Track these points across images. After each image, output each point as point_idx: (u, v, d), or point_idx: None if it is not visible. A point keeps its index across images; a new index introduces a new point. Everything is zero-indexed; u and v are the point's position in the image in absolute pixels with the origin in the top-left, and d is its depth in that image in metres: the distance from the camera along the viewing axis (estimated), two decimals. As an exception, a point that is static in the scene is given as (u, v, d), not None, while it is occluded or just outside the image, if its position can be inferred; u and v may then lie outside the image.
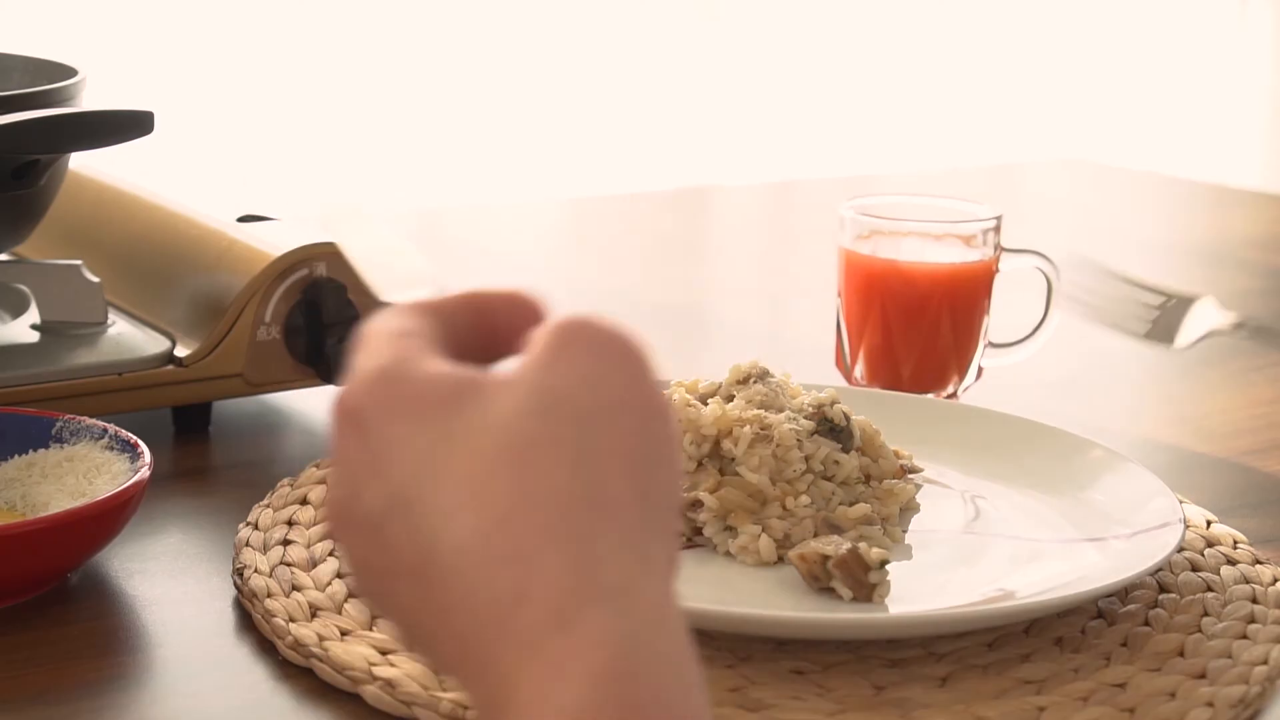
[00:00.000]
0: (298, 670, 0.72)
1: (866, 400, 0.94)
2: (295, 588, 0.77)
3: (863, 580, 0.75)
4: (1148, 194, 1.86)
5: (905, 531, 0.84)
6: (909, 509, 0.85)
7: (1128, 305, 1.03)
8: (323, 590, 0.77)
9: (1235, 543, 0.86)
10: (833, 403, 0.85)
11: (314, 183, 2.74)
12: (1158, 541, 0.79)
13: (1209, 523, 0.88)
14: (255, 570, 0.78)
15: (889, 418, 0.91)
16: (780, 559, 0.79)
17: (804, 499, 0.81)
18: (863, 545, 0.76)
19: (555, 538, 0.47)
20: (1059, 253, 1.07)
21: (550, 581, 0.47)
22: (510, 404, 0.49)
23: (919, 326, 1.03)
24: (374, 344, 0.51)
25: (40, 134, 0.91)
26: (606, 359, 0.50)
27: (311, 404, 1.02)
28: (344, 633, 0.73)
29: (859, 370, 1.06)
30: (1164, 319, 1.02)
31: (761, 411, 0.83)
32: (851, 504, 0.83)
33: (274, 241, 0.97)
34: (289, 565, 0.79)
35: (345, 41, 2.82)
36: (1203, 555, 0.84)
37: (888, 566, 0.76)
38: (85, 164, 1.10)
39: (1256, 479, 0.99)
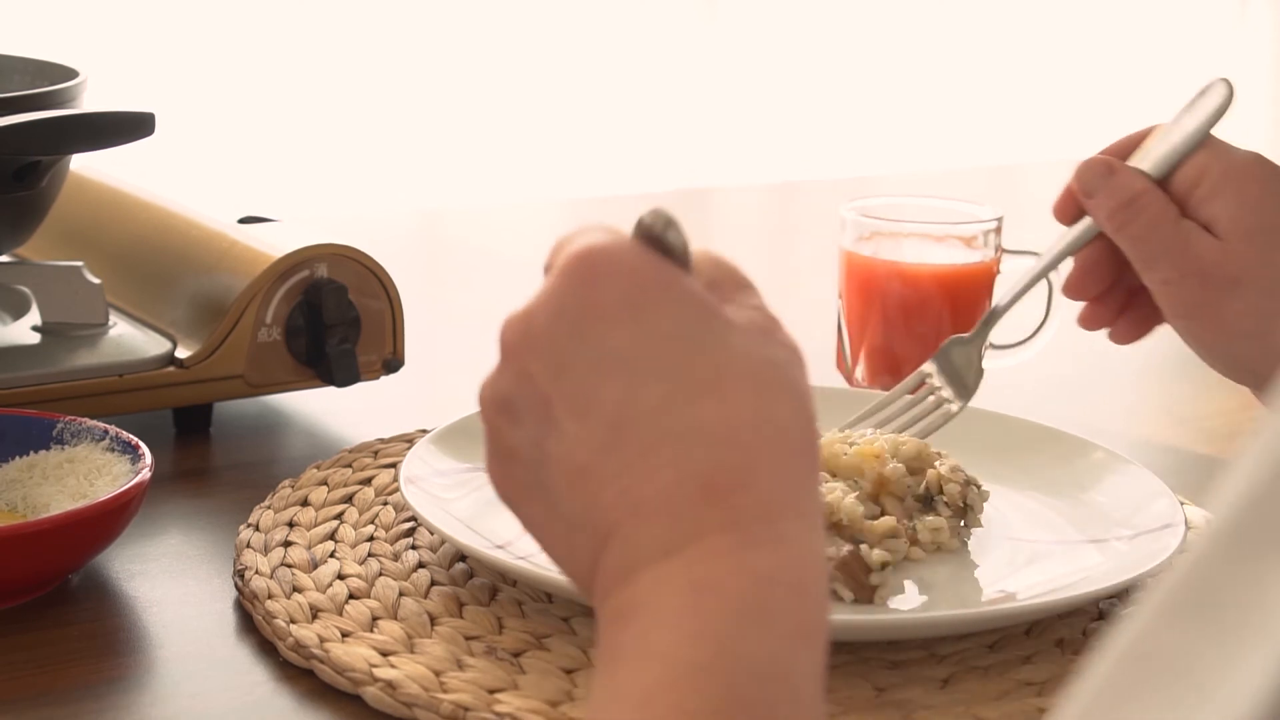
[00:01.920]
0: (298, 671, 0.72)
1: (867, 401, 0.94)
2: (296, 589, 0.77)
3: (863, 582, 0.75)
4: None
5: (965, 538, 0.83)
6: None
7: None
8: (323, 592, 0.77)
9: (1236, 544, 0.86)
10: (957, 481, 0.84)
11: (315, 184, 2.74)
12: (1159, 543, 0.79)
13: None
14: (256, 571, 0.78)
15: (890, 419, 0.91)
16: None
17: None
18: (863, 546, 0.76)
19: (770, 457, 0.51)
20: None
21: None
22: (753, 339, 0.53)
23: (920, 328, 1.03)
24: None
25: (41, 135, 0.91)
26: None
27: (312, 405, 1.02)
28: (345, 634, 0.73)
29: (860, 371, 1.06)
30: None
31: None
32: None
33: (275, 243, 0.97)
34: (290, 567, 0.79)
35: (346, 43, 2.82)
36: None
37: (889, 569, 0.76)
38: (86, 165, 1.10)
39: (1257, 480, 0.99)
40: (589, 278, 0.52)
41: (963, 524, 0.83)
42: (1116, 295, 0.90)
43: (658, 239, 0.53)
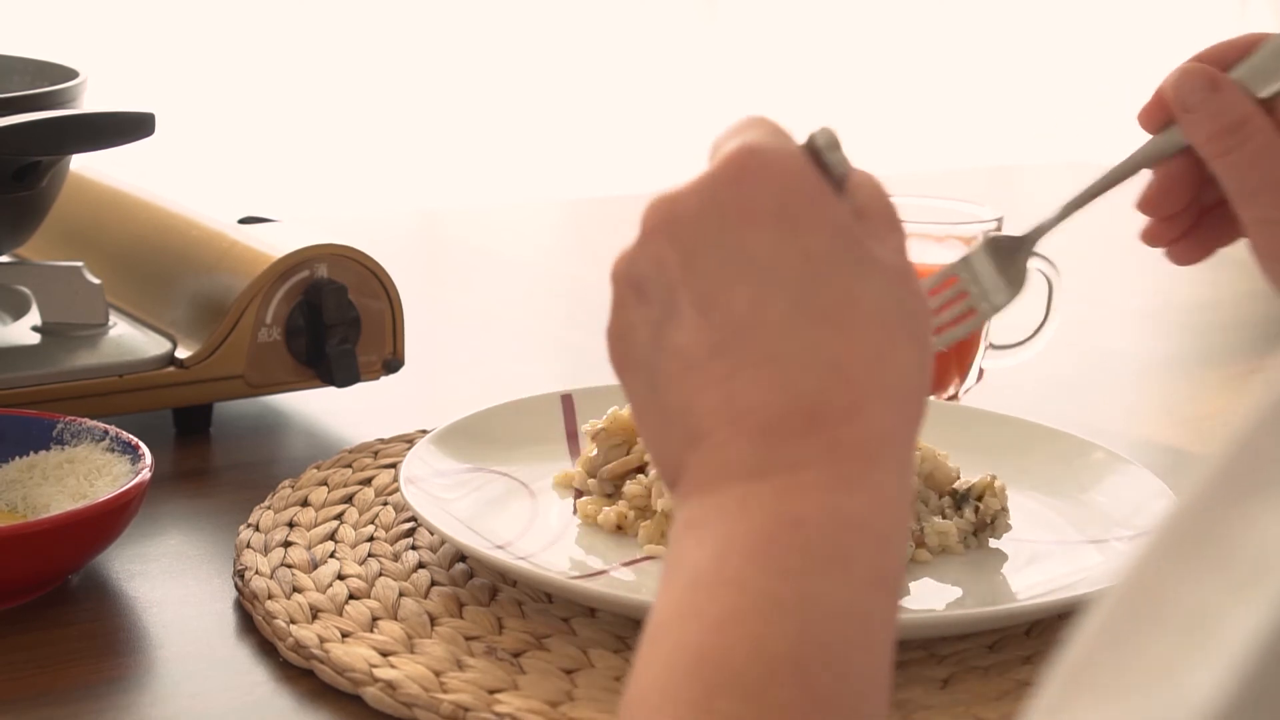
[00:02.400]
0: (298, 672, 0.72)
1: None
2: (296, 589, 0.77)
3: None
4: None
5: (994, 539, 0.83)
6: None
7: None
8: (323, 592, 0.77)
9: (1236, 544, 0.86)
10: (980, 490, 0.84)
11: (315, 184, 2.74)
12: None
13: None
14: (256, 572, 0.78)
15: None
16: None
17: None
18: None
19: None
20: (1060, 255, 1.07)
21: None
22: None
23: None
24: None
25: (42, 136, 0.91)
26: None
27: (312, 405, 1.02)
28: (345, 634, 0.73)
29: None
30: None
31: None
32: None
33: (275, 243, 0.97)
34: (290, 567, 0.79)
35: (345, 43, 2.82)
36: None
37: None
38: (86, 165, 1.10)
39: (1257, 480, 0.99)
40: (744, 175, 0.52)
41: (974, 534, 0.82)
42: (1189, 214, 0.81)
43: (818, 155, 0.53)
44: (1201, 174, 0.79)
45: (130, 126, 0.93)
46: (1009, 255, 0.80)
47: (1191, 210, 0.81)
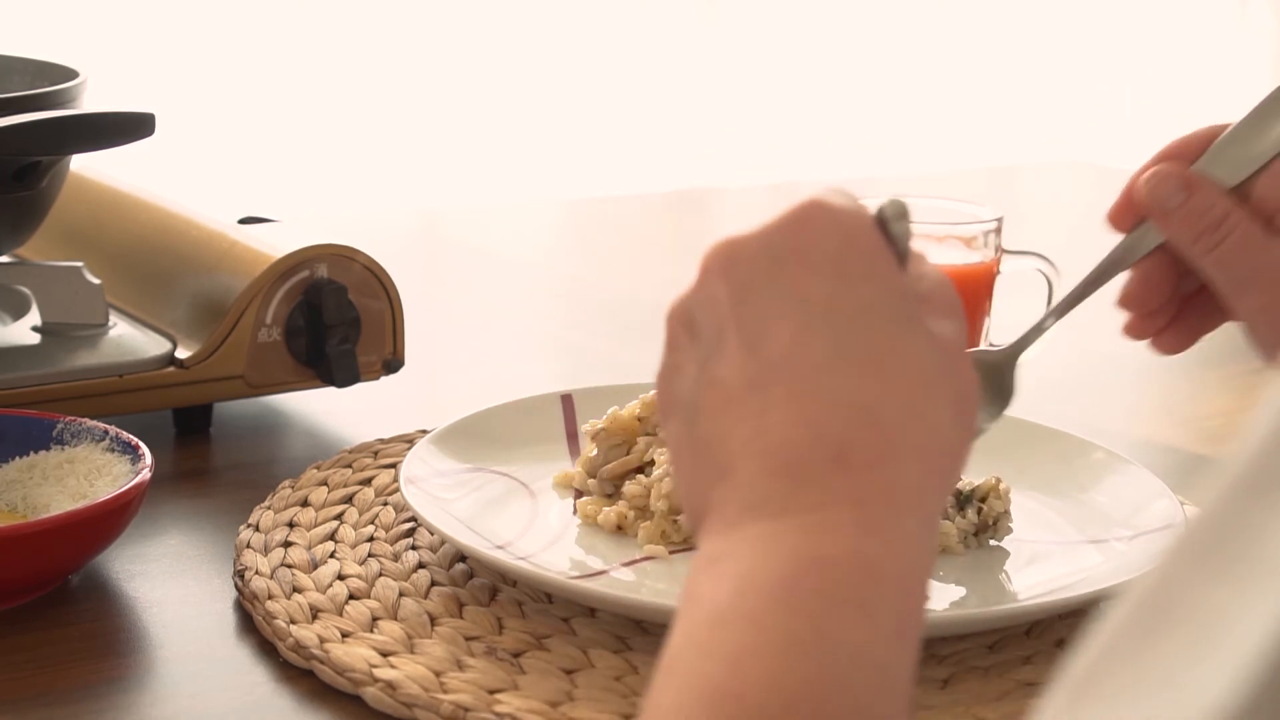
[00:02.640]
0: (298, 672, 0.72)
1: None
2: (296, 589, 0.77)
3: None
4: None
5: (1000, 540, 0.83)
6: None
7: None
8: (323, 592, 0.77)
9: (1236, 544, 0.86)
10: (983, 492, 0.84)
11: (315, 185, 2.74)
12: (1160, 543, 0.79)
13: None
14: (256, 572, 0.78)
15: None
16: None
17: None
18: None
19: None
20: (1060, 255, 1.07)
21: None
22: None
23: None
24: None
25: (42, 136, 0.91)
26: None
27: (312, 405, 1.02)
28: (345, 634, 0.73)
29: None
30: None
31: None
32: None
33: (275, 243, 0.97)
34: (290, 567, 0.79)
35: (346, 44, 2.82)
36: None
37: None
38: (86, 166, 1.10)
39: (1257, 480, 0.99)
40: (807, 222, 0.53)
41: (975, 535, 0.83)
42: (1170, 306, 0.82)
43: (885, 225, 0.54)
44: (1179, 267, 0.79)
45: (130, 126, 0.93)
46: (995, 372, 0.80)
47: (1173, 302, 0.81)
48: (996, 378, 0.81)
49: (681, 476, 0.54)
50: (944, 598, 0.78)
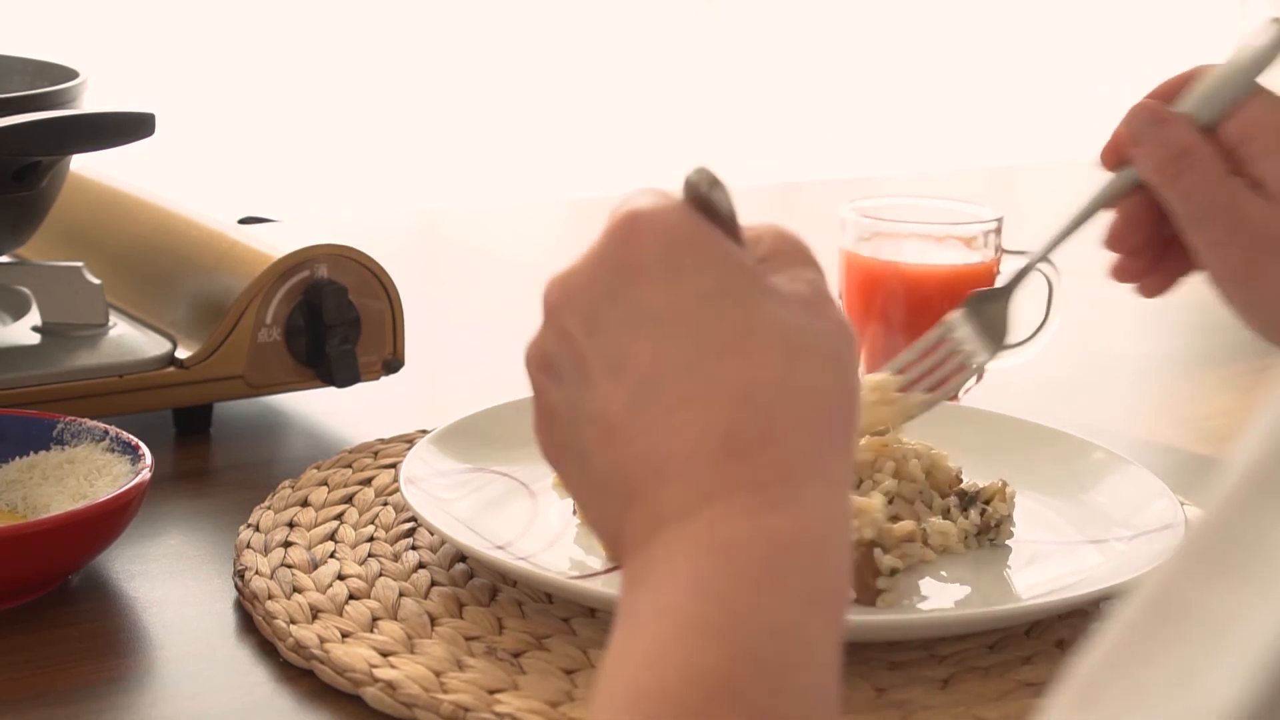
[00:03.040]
0: (299, 672, 0.72)
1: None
2: (296, 589, 0.77)
3: (869, 583, 0.75)
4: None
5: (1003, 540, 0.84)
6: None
7: None
8: (323, 592, 0.77)
9: (1236, 544, 0.86)
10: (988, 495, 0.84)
11: (315, 184, 2.74)
12: (1159, 544, 0.79)
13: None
14: (256, 572, 0.78)
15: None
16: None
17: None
18: (877, 550, 0.75)
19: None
20: (1061, 255, 1.07)
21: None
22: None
23: (920, 328, 1.03)
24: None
25: (42, 136, 0.91)
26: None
27: (312, 405, 1.02)
28: (345, 634, 0.73)
29: (860, 372, 1.05)
30: None
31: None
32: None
33: (275, 243, 0.97)
34: (290, 567, 0.79)
35: (346, 44, 2.82)
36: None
37: (898, 575, 0.76)
38: (86, 166, 1.10)
39: (1257, 480, 0.99)
40: (628, 237, 0.52)
41: (976, 535, 0.82)
42: (1153, 247, 0.86)
43: (703, 198, 0.53)
44: (1158, 208, 0.84)
45: (130, 126, 0.93)
46: (989, 312, 0.86)
47: (1154, 244, 0.85)
48: (991, 317, 0.87)
49: (590, 517, 0.54)
50: (945, 598, 0.78)
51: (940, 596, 0.78)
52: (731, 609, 0.47)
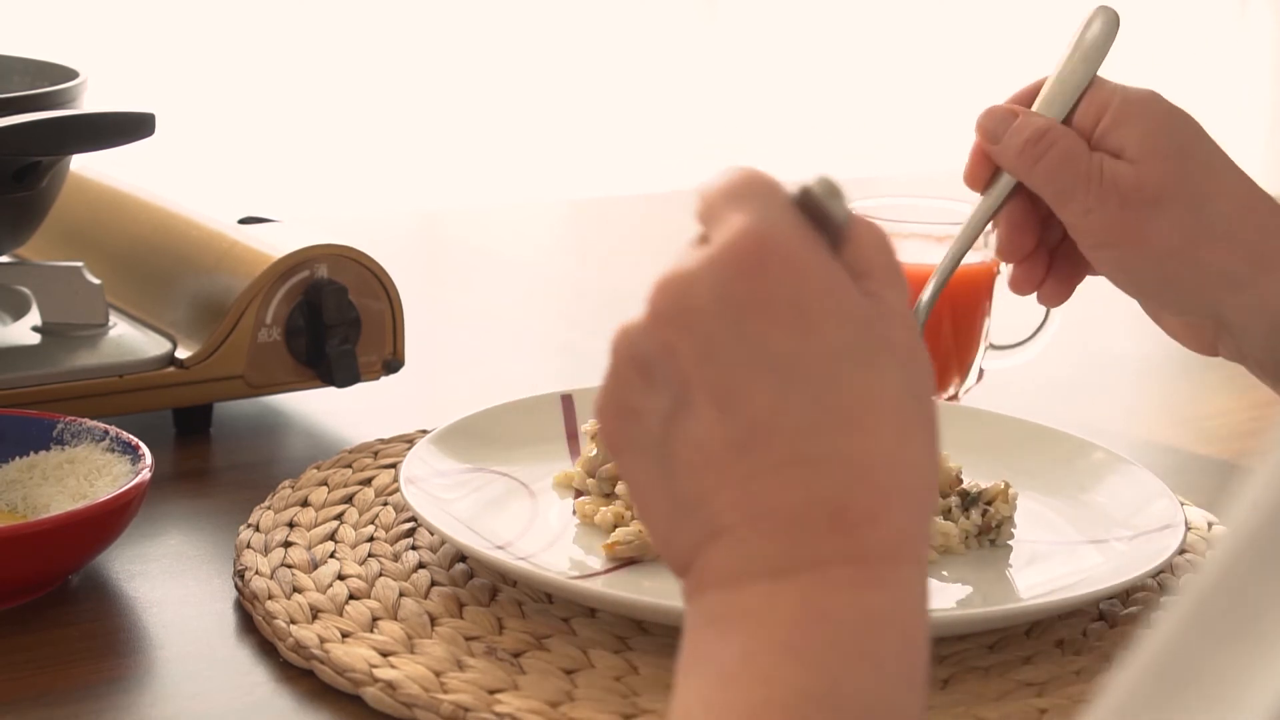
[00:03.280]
0: (299, 672, 0.72)
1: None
2: (296, 589, 0.77)
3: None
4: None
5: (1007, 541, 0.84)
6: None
7: None
8: (324, 592, 0.77)
9: (1236, 544, 0.86)
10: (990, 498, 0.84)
11: (315, 184, 2.74)
12: (1159, 543, 0.79)
13: (1210, 525, 0.88)
14: (256, 572, 0.78)
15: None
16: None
17: None
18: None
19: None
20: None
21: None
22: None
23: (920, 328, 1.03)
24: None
25: (42, 136, 0.91)
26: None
27: (312, 405, 1.02)
28: (345, 634, 0.73)
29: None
30: None
31: None
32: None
33: (275, 243, 0.97)
34: (290, 567, 0.79)
35: (346, 44, 2.82)
36: (1204, 557, 0.84)
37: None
38: (86, 166, 1.10)
39: (1257, 480, 0.99)
40: (757, 267, 0.50)
41: (977, 535, 0.83)
42: (1042, 254, 0.90)
43: (818, 207, 0.52)
44: (1038, 211, 0.88)
45: (130, 126, 0.93)
46: None
47: (1042, 250, 0.90)
48: None
49: (653, 519, 0.53)
50: (945, 597, 0.78)
51: (940, 596, 0.78)
52: (832, 681, 0.47)
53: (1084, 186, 0.84)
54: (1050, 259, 0.90)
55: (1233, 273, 0.84)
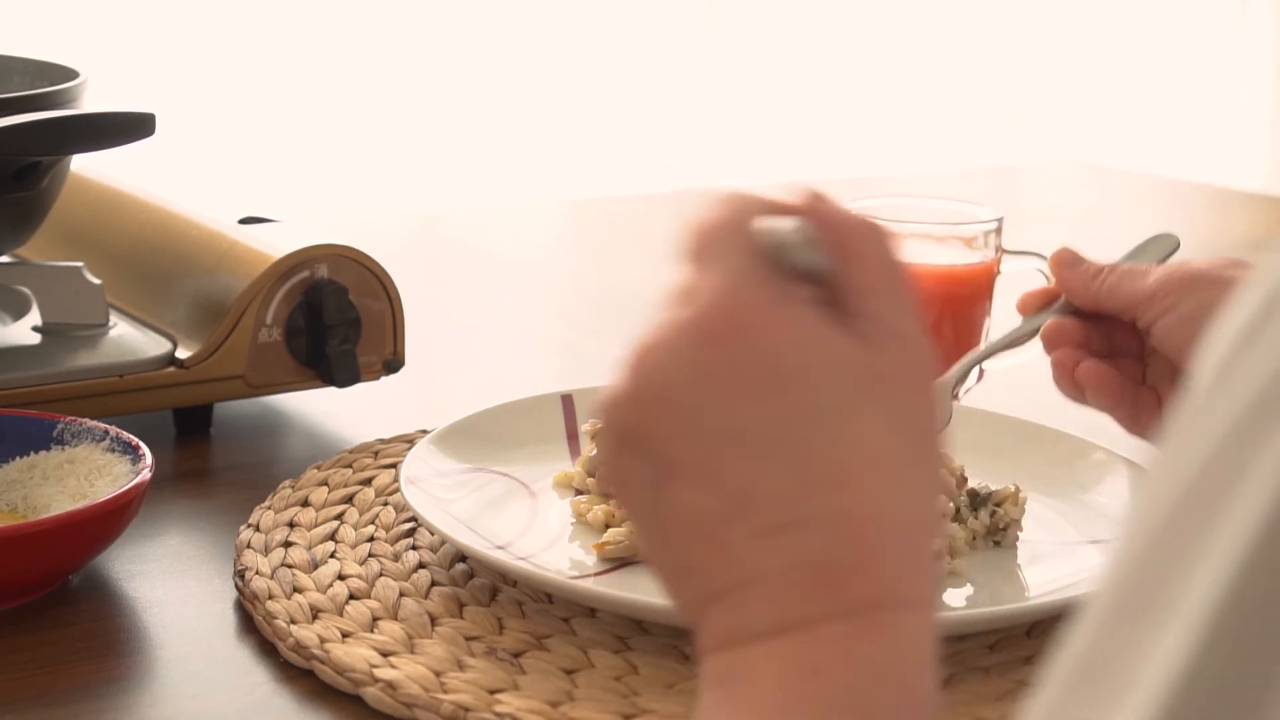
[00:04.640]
0: (299, 672, 0.72)
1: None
2: (296, 589, 0.77)
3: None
4: (1149, 196, 1.86)
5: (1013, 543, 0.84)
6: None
7: None
8: (324, 592, 0.77)
9: (1236, 544, 0.86)
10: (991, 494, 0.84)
11: (315, 184, 2.74)
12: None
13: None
14: (256, 572, 0.78)
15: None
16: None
17: None
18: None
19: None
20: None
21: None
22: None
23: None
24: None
25: (42, 136, 0.91)
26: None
27: (312, 405, 1.02)
28: (345, 634, 0.73)
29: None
30: None
31: None
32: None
33: (275, 243, 0.97)
34: (290, 567, 0.79)
35: (346, 44, 2.82)
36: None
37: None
38: (86, 166, 1.10)
39: (1257, 480, 0.98)
40: (728, 337, 0.50)
41: (983, 536, 0.83)
42: (1089, 349, 0.91)
43: (797, 263, 0.51)
44: (1080, 320, 0.90)
45: (130, 126, 0.93)
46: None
47: (1089, 347, 0.91)
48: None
49: (662, 579, 0.53)
50: (950, 597, 0.78)
51: (945, 596, 0.78)
52: None
53: (1157, 295, 0.87)
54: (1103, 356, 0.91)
55: None
